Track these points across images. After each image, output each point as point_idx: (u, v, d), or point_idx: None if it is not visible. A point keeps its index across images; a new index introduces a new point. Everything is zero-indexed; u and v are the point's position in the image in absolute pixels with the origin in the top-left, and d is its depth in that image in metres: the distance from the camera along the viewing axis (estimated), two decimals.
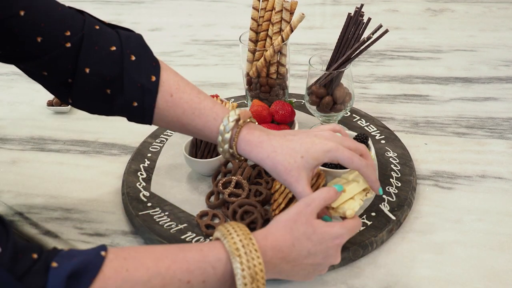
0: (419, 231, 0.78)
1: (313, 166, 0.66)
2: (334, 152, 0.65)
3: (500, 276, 0.71)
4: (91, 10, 0.76)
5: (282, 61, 0.97)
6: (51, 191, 0.91)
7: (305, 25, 1.47)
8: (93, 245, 0.78)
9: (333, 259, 0.62)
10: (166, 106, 0.72)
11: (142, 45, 0.73)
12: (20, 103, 1.19)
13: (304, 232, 0.60)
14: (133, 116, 0.74)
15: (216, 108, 0.72)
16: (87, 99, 0.73)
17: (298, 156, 0.66)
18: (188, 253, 0.56)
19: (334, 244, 0.61)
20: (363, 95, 1.15)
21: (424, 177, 0.89)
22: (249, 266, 0.55)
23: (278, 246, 0.59)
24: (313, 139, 0.67)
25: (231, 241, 0.57)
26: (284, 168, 0.66)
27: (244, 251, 0.56)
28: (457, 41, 1.38)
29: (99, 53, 0.70)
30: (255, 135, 0.69)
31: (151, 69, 0.72)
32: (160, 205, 0.84)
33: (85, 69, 0.69)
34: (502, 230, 0.78)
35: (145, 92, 0.71)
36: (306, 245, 0.60)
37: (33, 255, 0.50)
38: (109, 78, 0.70)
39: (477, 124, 1.03)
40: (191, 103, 0.71)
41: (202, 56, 1.38)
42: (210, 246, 0.58)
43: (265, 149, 0.67)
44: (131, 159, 0.95)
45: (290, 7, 0.91)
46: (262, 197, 0.81)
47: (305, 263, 0.61)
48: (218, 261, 0.56)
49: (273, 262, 0.59)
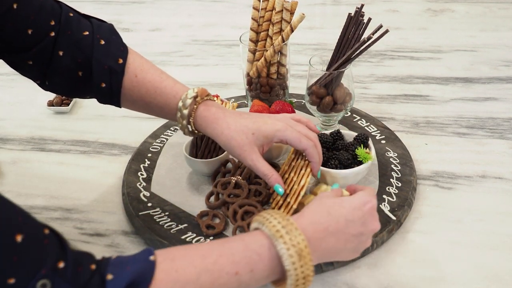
0: (419, 231, 0.78)
1: (264, 143, 0.72)
2: (283, 131, 0.71)
3: (500, 276, 0.71)
4: (92, 10, 0.77)
5: (283, 61, 0.97)
6: (51, 191, 0.91)
7: (305, 25, 1.47)
8: (93, 245, 0.79)
9: (372, 225, 0.62)
10: (131, 86, 0.75)
11: (112, 32, 0.77)
12: (21, 103, 1.19)
13: (334, 201, 0.62)
14: (103, 97, 0.77)
15: (177, 86, 0.76)
16: (61, 81, 0.76)
17: (250, 133, 0.71)
18: (232, 244, 0.57)
19: (367, 208, 0.62)
20: (363, 95, 1.15)
21: (424, 177, 0.89)
22: (294, 244, 0.55)
23: (316, 219, 0.60)
24: (266, 119, 0.73)
25: (270, 225, 0.57)
26: (237, 144, 0.71)
27: (286, 231, 0.56)
28: (457, 41, 1.38)
29: (72, 37, 0.73)
30: (211, 112, 0.73)
31: (119, 53, 0.75)
32: (161, 205, 0.84)
33: (59, 52, 0.72)
34: (502, 230, 0.78)
35: (112, 73, 0.74)
36: (341, 212, 0.61)
37: (91, 266, 0.50)
38: (80, 61, 0.73)
39: (477, 124, 1.03)
40: (153, 82, 0.75)
41: (202, 56, 1.38)
42: (251, 235, 0.58)
43: (220, 125, 0.72)
44: (132, 159, 0.95)
45: (291, 7, 0.91)
46: (262, 197, 0.81)
47: (347, 234, 0.60)
48: (261, 247, 0.56)
49: (316, 237, 0.58)
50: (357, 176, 0.81)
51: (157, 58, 1.35)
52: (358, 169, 0.80)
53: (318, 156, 0.73)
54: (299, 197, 0.72)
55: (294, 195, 0.73)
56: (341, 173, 0.79)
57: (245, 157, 0.71)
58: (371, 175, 0.87)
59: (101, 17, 0.77)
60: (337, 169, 0.80)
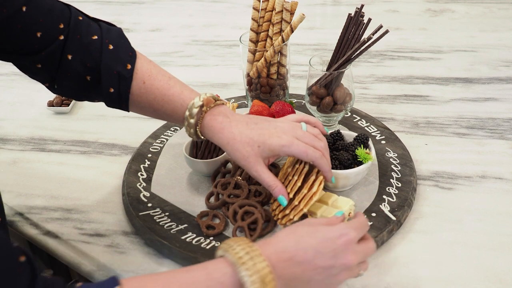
0: (419, 232, 0.78)
1: (269, 156, 0.73)
2: (289, 147, 0.71)
3: (500, 276, 0.71)
4: (92, 10, 0.77)
5: (283, 62, 0.97)
6: (51, 192, 0.91)
7: (305, 25, 1.48)
8: (93, 245, 0.79)
9: (344, 259, 0.59)
10: (140, 92, 0.76)
11: (121, 36, 0.77)
12: (21, 103, 1.19)
13: (308, 231, 0.60)
14: (111, 101, 0.77)
15: (184, 94, 0.76)
16: (69, 85, 0.76)
17: (255, 145, 0.71)
18: (194, 274, 0.56)
19: (341, 241, 0.59)
20: (363, 95, 1.15)
21: (424, 178, 0.89)
22: (257, 270, 0.54)
23: (282, 247, 0.58)
24: (272, 131, 0.73)
25: (232, 252, 0.56)
26: (242, 155, 0.72)
27: (249, 257, 0.55)
28: (457, 42, 1.38)
29: (81, 41, 0.73)
30: (218, 121, 0.73)
31: (127, 58, 0.75)
32: (161, 206, 0.84)
33: (68, 56, 0.72)
34: (502, 231, 0.78)
35: (121, 79, 0.74)
36: (310, 242, 0.59)
37: None
38: (89, 65, 0.74)
39: (477, 125, 1.03)
40: (161, 89, 0.76)
41: (202, 56, 1.38)
42: (214, 263, 0.57)
43: (225, 135, 0.72)
44: (132, 159, 0.95)
45: (291, 7, 0.91)
46: (262, 197, 0.81)
47: (315, 265, 0.58)
48: (224, 275, 0.55)
49: (280, 266, 0.57)
50: (357, 176, 0.81)
51: (157, 59, 1.35)
52: (358, 169, 0.80)
53: (326, 165, 0.73)
54: (311, 203, 0.73)
55: (304, 199, 0.73)
56: (341, 173, 0.79)
57: (250, 168, 0.72)
58: (371, 175, 0.87)
59: (101, 17, 0.77)
60: (337, 169, 0.80)
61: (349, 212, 0.76)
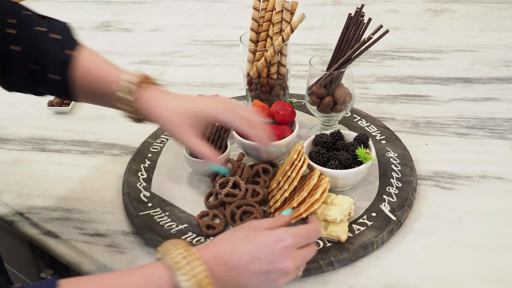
0: (419, 232, 0.78)
1: (201, 124, 0.73)
2: (221, 112, 0.73)
3: (500, 276, 0.71)
4: (92, 10, 0.77)
5: (283, 62, 0.97)
6: (51, 191, 0.91)
7: (305, 25, 1.47)
8: (93, 245, 0.79)
9: (281, 264, 0.59)
10: (82, 77, 0.75)
11: (67, 28, 0.77)
12: (21, 103, 1.19)
13: (246, 236, 0.60)
14: (57, 90, 0.77)
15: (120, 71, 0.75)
16: (19, 79, 0.76)
17: (187, 114, 0.72)
18: (130, 277, 0.56)
19: (279, 247, 0.59)
20: (363, 95, 1.15)
21: (424, 178, 0.89)
22: (193, 274, 0.55)
23: (219, 252, 0.59)
24: (204, 101, 0.75)
25: (169, 256, 0.56)
26: (175, 124, 0.72)
27: (186, 262, 0.55)
28: (457, 42, 1.38)
29: (27, 33, 0.73)
30: (150, 95, 0.74)
31: (72, 46, 0.75)
32: (161, 206, 0.84)
33: (16, 48, 0.73)
34: (502, 231, 0.78)
35: (64, 65, 0.74)
36: (247, 248, 0.59)
37: None
38: (36, 56, 0.74)
39: (477, 125, 1.03)
40: (101, 73, 0.75)
41: (202, 56, 1.38)
42: (152, 266, 0.58)
43: (159, 107, 0.73)
44: (132, 159, 0.95)
45: (291, 7, 0.91)
46: (260, 197, 0.81)
47: (251, 270, 0.58)
48: (161, 279, 0.55)
49: (216, 270, 0.57)
50: (357, 176, 0.81)
51: (157, 58, 1.36)
52: (358, 169, 0.80)
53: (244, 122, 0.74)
54: (311, 209, 0.73)
55: (305, 204, 0.74)
56: (341, 173, 0.79)
57: (180, 137, 0.72)
58: (371, 175, 0.87)
59: (101, 17, 0.77)
60: (337, 169, 0.80)
61: (349, 212, 0.76)
